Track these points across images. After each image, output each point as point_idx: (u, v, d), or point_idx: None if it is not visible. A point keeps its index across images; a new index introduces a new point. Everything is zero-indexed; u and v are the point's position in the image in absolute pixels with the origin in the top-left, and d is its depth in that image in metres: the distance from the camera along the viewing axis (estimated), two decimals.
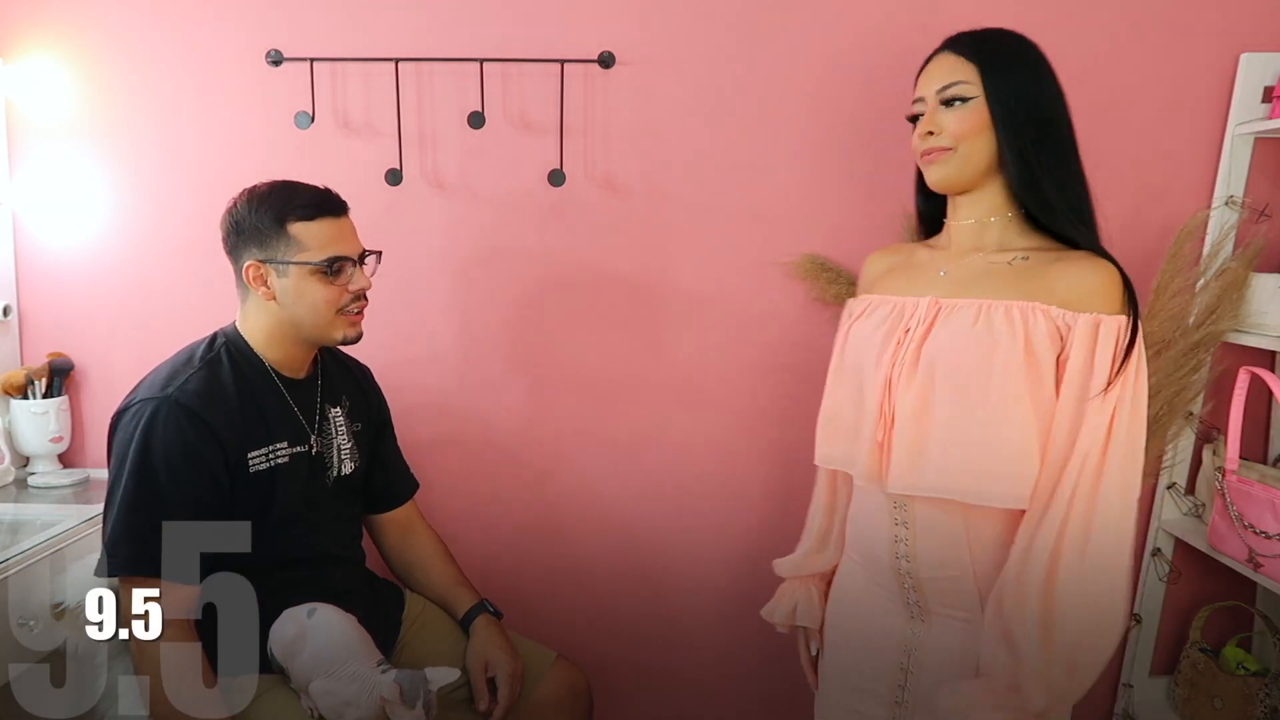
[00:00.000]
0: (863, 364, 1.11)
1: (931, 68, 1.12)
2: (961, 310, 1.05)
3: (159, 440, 1.15)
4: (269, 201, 1.22)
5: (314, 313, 1.24)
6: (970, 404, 1.01)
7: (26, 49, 1.59)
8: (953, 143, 1.07)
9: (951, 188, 1.11)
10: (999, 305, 1.02)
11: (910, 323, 1.08)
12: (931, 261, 1.15)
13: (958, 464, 1.02)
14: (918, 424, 1.04)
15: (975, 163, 1.08)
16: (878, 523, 1.11)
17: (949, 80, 1.08)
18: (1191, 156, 1.60)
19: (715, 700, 1.81)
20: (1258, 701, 1.55)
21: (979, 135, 1.06)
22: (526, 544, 1.75)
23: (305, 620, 1.20)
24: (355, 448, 1.38)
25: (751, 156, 1.61)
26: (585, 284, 1.66)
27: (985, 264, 1.08)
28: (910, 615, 1.12)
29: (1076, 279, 1.01)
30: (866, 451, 1.08)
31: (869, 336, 1.12)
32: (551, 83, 1.57)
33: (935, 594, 1.08)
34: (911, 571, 1.09)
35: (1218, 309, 1.52)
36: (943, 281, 1.10)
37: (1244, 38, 1.55)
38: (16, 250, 1.66)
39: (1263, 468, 1.52)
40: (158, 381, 1.20)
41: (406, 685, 1.13)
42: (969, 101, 1.07)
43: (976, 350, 1.01)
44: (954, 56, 1.09)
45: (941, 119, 1.08)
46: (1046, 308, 1.00)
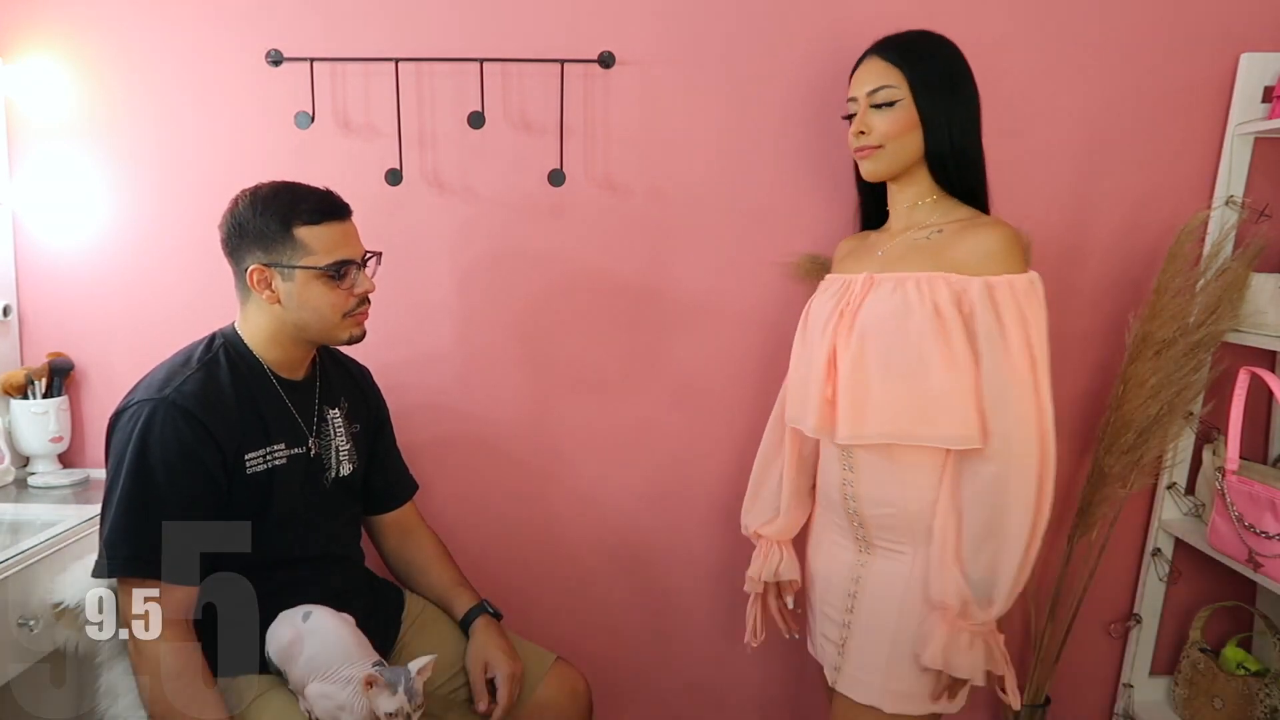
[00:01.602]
0: (814, 333, 1.29)
1: (861, 71, 1.26)
2: (883, 284, 1.22)
3: (156, 441, 1.14)
4: (274, 204, 1.22)
5: (320, 316, 1.24)
6: (894, 364, 1.17)
7: (26, 49, 1.59)
8: (881, 141, 1.23)
9: (882, 178, 1.27)
10: (910, 278, 1.19)
11: (850, 296, 1.24)
12: (877, 242, 1.31)
13: (891, 414, 1.17)
14: (855, 383, 1.19)
15: (903, 157, 1.23)
16: (830, 469, 1.30)
17: (877, 84, 1.22)
18: (1191, 156, 1.60)
19: (714, 702, 1.81)
20: (1258, 701, 1.55)
21: (906, 134, 1.22)
22: (526, 545, 1.75)
23: (301, 623, 1.20)
24: (353, 449, 1.38)
25: (751, 156, 1.61)
26: (585, 284, 1.66)
27: (910, 241, 1.25)
28: (859, 549, 1.29)
29: (972, 246, 1.17)
30: (815, 408, 1.24)
31: (820, 309, 1.30)
32: (551, 83, 1.57)
33: (876, 529, 1.25)
34: (857, 510, 1.26)
35: (1218, 309, 1.52)
36: (879, 260, 1.27)
37: (1244, 38, 1.55)
38: (16, 250, 1.66)
39: (1263, 468, 1.52)
40: (155, 383, 1.20)
41: (387, 674, 1.14)
42: (896, 105, 1.21)
43: (894, 318, 1.18)
44: (882, 62, 1.23)
45: (871, 120, 1.23)
46: (946, 275, 1.17)
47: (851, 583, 1.28)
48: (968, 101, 1.24)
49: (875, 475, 1.23)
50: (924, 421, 1.16)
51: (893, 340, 1.17)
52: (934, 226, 1.24)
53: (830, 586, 1.32)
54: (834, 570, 1.32)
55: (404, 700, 1.12)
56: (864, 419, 1.19)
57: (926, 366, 1.15)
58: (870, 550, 1.27)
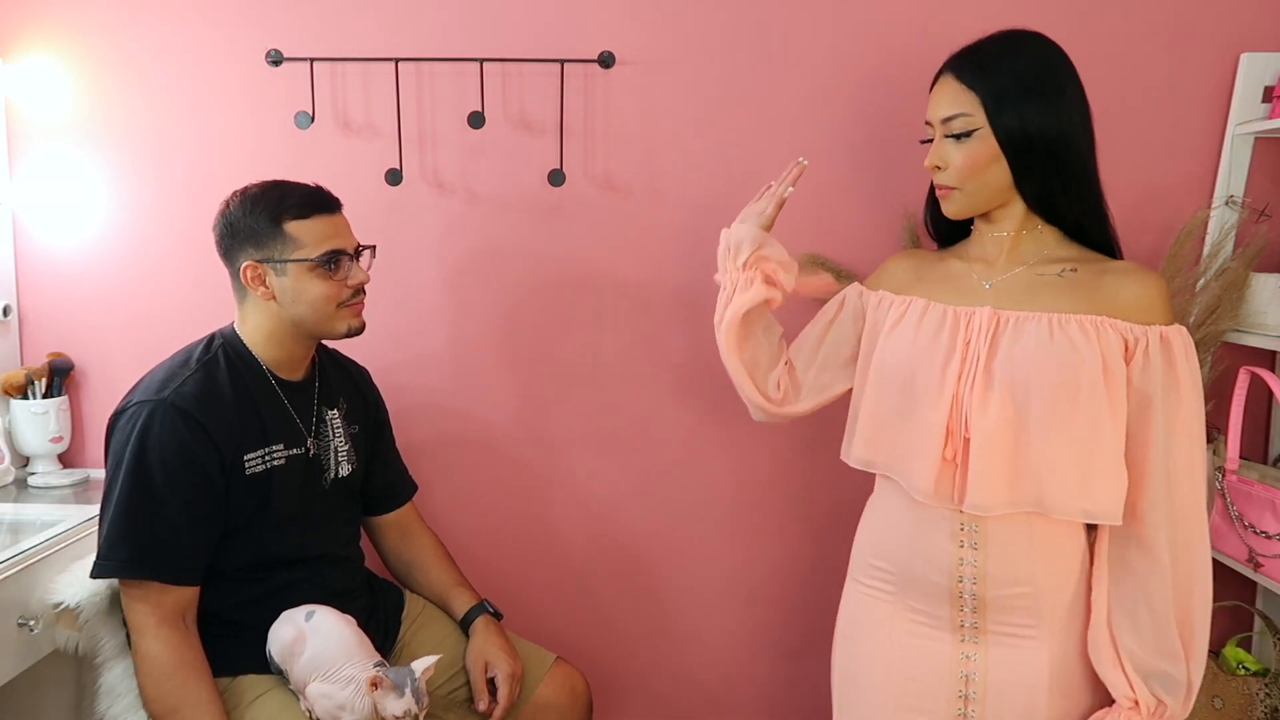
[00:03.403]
0: (914, 373, 1.07)
1: (937, 92, 1.09)
2: (1030, 324, 1.03)
3: (155, 442, 1.15)
4: (263, 202, 1.23)
5: (314, 309, 1.24)
6: (1062, 421, 0.99)
7: (26, 49, 1.60)
8: (958, 182, 1.06)
9: (964, 217, 1.11)
10: (1070, 319, 1.01)
11: (970, 334, 1.05)
12: (968, 272, 1.12)
13: (1056, 483, 1.00)
14: (1001, 442, 1.01)
15: (986, 196, 1.07)
16: (934, 544, 1.07)
17: (951, 112, 1.05)
18: (1191, 156, 1.59)
19: (714, 702, 1.81)
20: (1258, 701, 1.55)
21: (987, 169, 1.05)
22: (525, 545, 1.75)
23: (303, 623, 1.20)
24: (352, 450, 1.38)
25: (751, 156, 1.61)
26: (585, 283, 1.66)
27: (1032, 276, 1.07)
28: (962, 638, 1.08)
29: (1139, 291, 1.02)
30: (929, 469, 1.04)
31: (921, 345, 1.08)
32: (551, 83, 1.57)
33: (999, 612, 1.06)
34: (977, 592, 1.06)
35: (1218, 309, 1.52)
36: (990, 294, 1.08)
37: (1244, 38, 1.55)
38: (16, 250, 1.66)
39: (1263, 468, 1.52)
40: (154, 384, 1.20)
41: (392, 675, 1.14)
42: (973, 135, 1.04)
43: (1060, 366, 0.99)
44: (955, 83, 1.05)
45: (947, 153, 1.06)
46: (1114, 321, 1.01)
47: (959, 680, 1.08)
48: (1068, 112, 1.04)
49: (1009, 551, 1.04)
50: (1093, 493, 1.01)
51: (1059, 394, 0.99)
52: (1064, 263, 1.07)
53: (924, 688, 1.10)
54: (926, 668, 1.10)
55: (411, 702, 1.13)
56: (1015, 485, 1.02)
57: (1099, 427, 1.00)
58: (982, 638, 1.07)
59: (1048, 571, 1.05)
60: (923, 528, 1.09)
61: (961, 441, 1.03)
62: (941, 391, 1.05)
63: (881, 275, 1.23)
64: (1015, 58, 1.05)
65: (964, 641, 1.08)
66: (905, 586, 1.11)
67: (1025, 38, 1.07)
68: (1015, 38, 1.07)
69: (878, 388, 1.13)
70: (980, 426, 1.02)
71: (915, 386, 1.07)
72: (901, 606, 1.12)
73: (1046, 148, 1.03)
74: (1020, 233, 1.09)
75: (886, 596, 1.14)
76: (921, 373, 1.07)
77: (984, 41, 1.08)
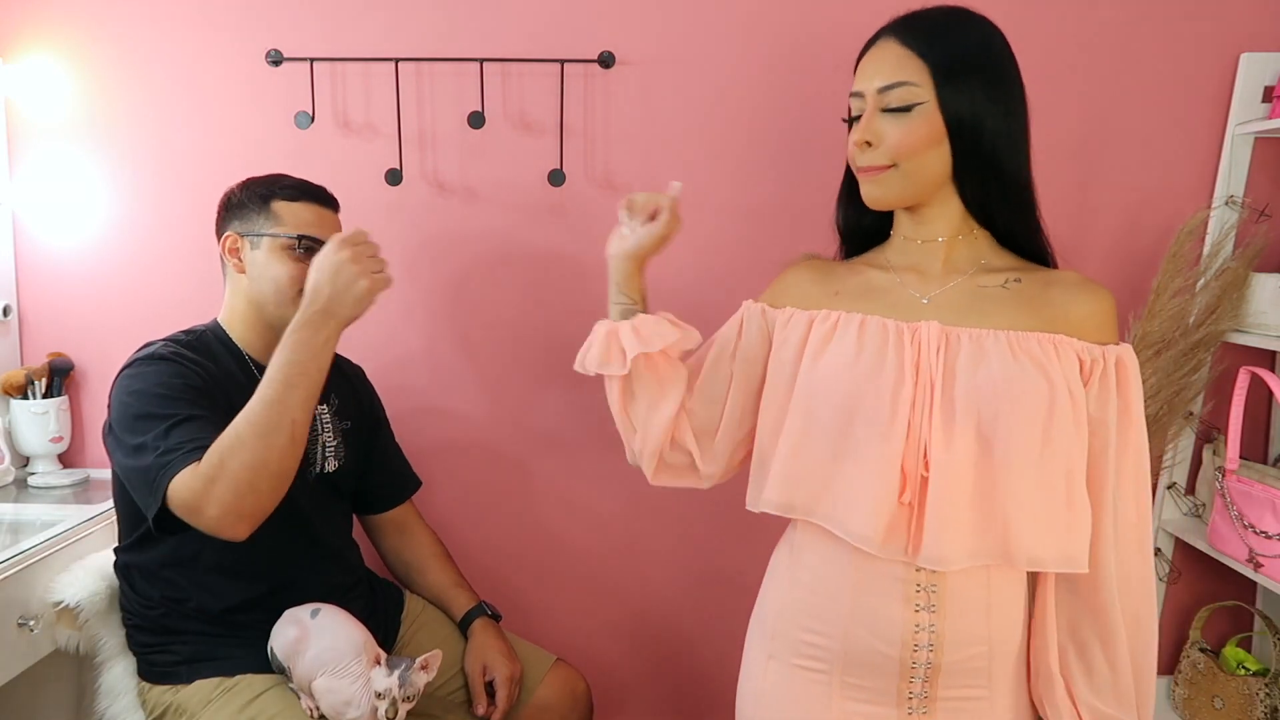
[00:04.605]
0: (857, 400, 0.90)
1: (873, 57, 0.92)
2: (988, 342, 0.89)
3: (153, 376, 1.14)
4: (261, 183, 1.27)
5: (276, 287, 1.23)
6: (1033, 456, 0.86)
7: (26, 49, 1.59)
8: (892, 159, 0.90)
9: (890, 207, 0.96)
10: (1029, 337, 0.88)
11: (918, 354, 0.90)
12: (897, 284, 0.96)
13: (1027, 528, 0.86)
14: (967, 484, 0.87)
15: (921, 181, 0.92)
16: (884, 609, 0.90)
17: (892, 79, 0.89)
18: (1191, 156, 1.59)
19: (715, 703, 1.81)
20: (1258, 701, 1.55)
21: (928, 150, 0.90)
22: (525, 546, 1.75)
23: (308, 620, 1.20)
24: (342, 445, 1.37)
25: (751, 156, 1.60)
26: (585, 284, 1.65)
27: (973, 287, 0.93)
28: (909, 710, 0.92)
29: (1093, 307, 0.91)
30: (879, 513, 0.88)
31: (864, 367, 0.91)
32: (551, 83, 1.57)
33: (952, 676, 0.91)
34: (932, 660, 0.90)
35: (1218, 309, 1.52)
36: (930, 309, 0.93)
37: (1244, 38, 1.55)
38: (16, 250, 1.66)
39: (1263, 468, 1.52)
40: (142, 351, 1.21)
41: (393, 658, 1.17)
42: (916, 109, 0.89)
43: (1031, 392, 0.86)
44: (899, 47, 0.90)
45: (881, 127, 0.90)
46: (1069, 339, 0.89)
47: None
48: (1015, 108, 0.92)
49: (968, 609, 0.90)
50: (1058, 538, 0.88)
51: (1032, 424, 0.86)
52: (1005, 273, 0.94)
53: None
54: None
55: (394, 684, 1.14)
56: (980, 533, 0.88)
57: (1069, 460, 0.88)
58: (931, 707, 0.92)
59: (1001, 626, 0.92)
60: (869, 590, 0.91)
61: (918, 481, 0.88)
62: (894, 422, 0.88)
63: (782, 289, 1.04)
64: (968, 32, 0.92)
65: (910, 714, 0.92)
66: (844, 661, 0.93)
67: (977, 17, 0.93)
68: (967, 13, 0.93)
69: (803, 418, 0.94)
70: (943, 463, 0.87)
71: (858, 416, 0.90)
72: (839, 684, 0.94)
73: (991, 142, 0.90)
74: (956, 238, 0.95)
75: (820, 676, 0.94)
76: (867, 400, 0.90)
77: (932, 10, 0.94)
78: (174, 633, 1.23)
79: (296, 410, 1.08)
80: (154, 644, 1.24)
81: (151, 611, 1.24)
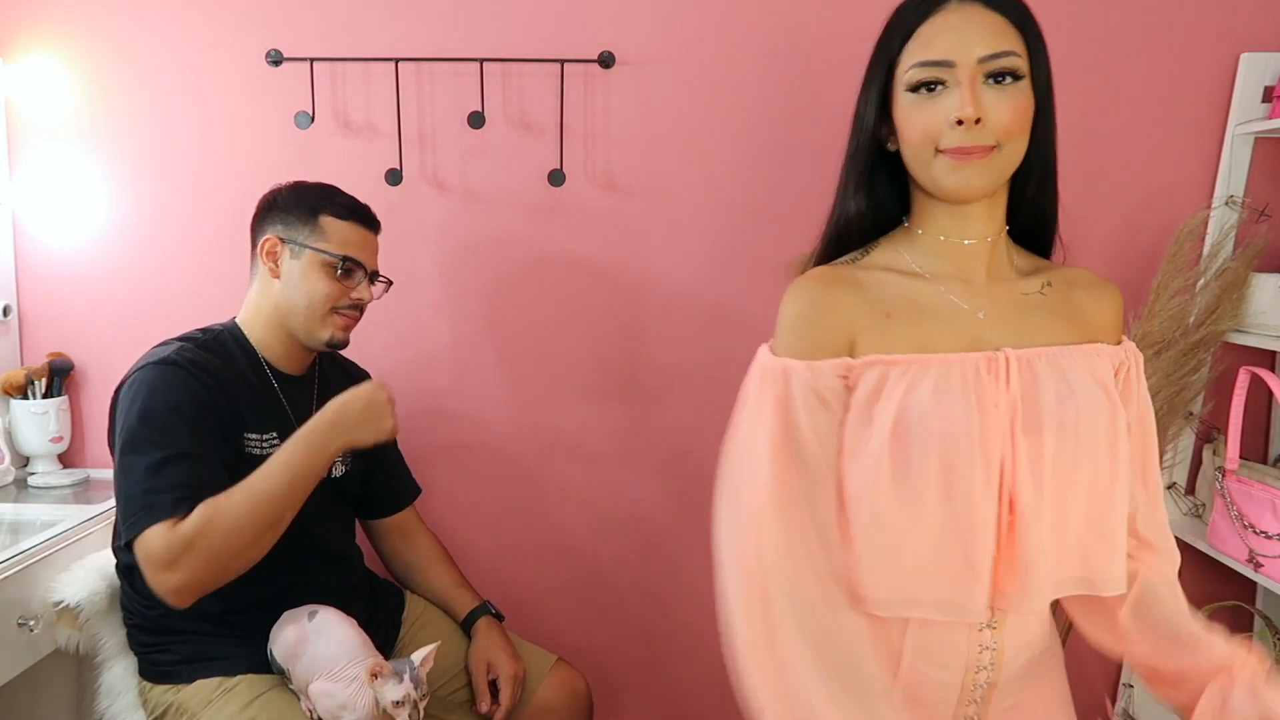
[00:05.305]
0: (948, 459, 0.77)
1: (957, 22, 0.78)
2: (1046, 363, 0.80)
3: (163, 393, 1.13)
4: (311, 191, 1.28)
5: (310, 302, 1.25)
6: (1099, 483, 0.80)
7: (26, 49, 1.59)
8: (999, 138, 0.78)
9: (981, 198, 0.82)
10: (1077, 352, 0.82)
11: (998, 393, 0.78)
12: (943, 296, 0.84)
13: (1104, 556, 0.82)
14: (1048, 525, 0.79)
15: (1011, 167, 0.82)
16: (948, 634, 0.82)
17: (999, 48, 0.77)
18: (1191, 156, 1.59)
19: (716, 704, 1.81)
20: None
21: (1025, 130, 0.80)
22: (526, 547, 1.75)
23: (307, 622, 1.20)
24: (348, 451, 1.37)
25: (751, 156, 1.60)
26: (585, 283, 1.65)
27: (1017, 296, 0.85)
28: None
29: (1113, 308, 0.87)
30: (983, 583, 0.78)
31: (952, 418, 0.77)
32: (551, 83, 1.57)
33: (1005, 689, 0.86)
34: (990, 679, 0.84)
35: (1218, 309, 1.52)
36: (985, 325, 0.82)
37: (1244, 38, 1.55)
38: (16, 250, 1.66)
39: (1263, 468, 1.52)
40: (156, 353, 1.20)
41: (392, 664, 1.15)
42: (1019, 83, 0.78)
43: (1103, 414, 0.79)
44: (990, 12, 0.79)
45: (987, 101, 0.77)
46: (1105, 346, 0.84)
47: None
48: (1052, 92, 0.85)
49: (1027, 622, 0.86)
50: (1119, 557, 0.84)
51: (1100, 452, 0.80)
52: (1033, 276, 0.87)
53: None
54: None
55: (410, 688, 1.13)
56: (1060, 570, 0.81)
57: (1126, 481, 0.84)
58: None
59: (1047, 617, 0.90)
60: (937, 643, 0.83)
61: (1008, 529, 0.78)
62: (989, 475, 0.77)
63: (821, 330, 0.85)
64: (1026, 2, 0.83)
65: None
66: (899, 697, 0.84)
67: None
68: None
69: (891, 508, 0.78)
70: (1030, 509, 0.78)
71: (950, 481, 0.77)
72: None
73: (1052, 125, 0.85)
74: (999, 237, 0.86)
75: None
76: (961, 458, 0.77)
77: None
78: (175, 632, 1.23)
79: (291, 509, 1.13)
80: (154, 644, 1.24)
81: (152, 611, 1.24)
